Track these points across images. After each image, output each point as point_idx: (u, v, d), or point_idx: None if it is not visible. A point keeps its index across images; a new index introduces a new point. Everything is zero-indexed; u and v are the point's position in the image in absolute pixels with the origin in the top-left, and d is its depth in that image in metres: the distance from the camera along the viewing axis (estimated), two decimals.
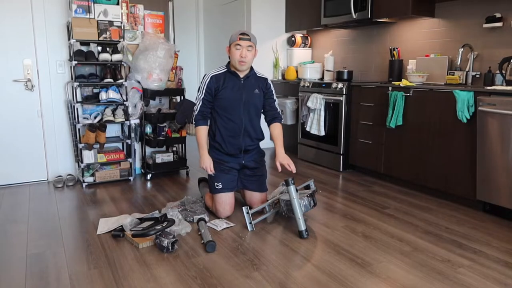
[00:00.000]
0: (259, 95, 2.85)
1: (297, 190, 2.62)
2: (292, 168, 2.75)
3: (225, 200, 2.80)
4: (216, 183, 2.81)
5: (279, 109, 2.97)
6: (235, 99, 2.78)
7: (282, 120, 2.97)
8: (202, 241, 2.41)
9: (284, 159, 2.77)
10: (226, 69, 2.81)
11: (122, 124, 3.90)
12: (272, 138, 2.91)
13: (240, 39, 2.68)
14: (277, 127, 2.90)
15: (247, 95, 2.81)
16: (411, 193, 3.42)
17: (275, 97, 2.95)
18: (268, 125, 2.95)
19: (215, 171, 2.80)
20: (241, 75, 2.80)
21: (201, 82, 2.81)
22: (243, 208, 2.67)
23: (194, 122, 2.82)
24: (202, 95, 2.79)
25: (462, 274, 2.06)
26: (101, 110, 3.75)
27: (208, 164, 2.76)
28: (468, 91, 2.92)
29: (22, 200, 3.26)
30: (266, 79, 2.91)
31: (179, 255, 2.26)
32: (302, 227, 2.50)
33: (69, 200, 3.26)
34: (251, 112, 2.84)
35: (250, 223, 2.64)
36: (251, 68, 2.85)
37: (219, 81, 2.78)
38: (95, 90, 3.75)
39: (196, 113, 2.80)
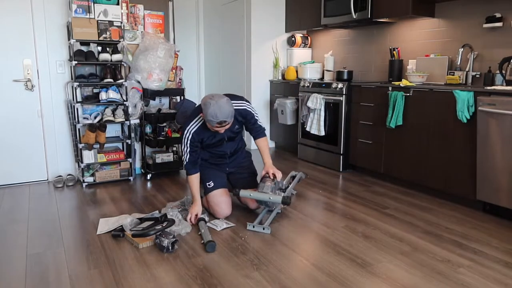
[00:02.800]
0: (239, 127, 2.85)
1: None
2: (278, 176, 2.80)
3: (220, 199, 2.80)
4: (207, 183, 2.84)
5: (261, 125, 2.91)
6: (218, 142, 2.80)
7: (266, 131, 2.97)
8: (202, 241, 2.41)
9: (270, 168, 2.83)
10: (201, 123, 2.70)
11: (122, 124, 3.90)
12: (259, 151, 2.92)
13: (217, 127, 2.54)
14: (262, 141, 2.92)
15: (229, 133, 2.80)
16: (411, 193, 3.42)
17: (256, 117, 2.85)
18: (254, 140, 2.93)
19: (205, 171, 2.86)
20: None
21: (183, 137, 2.72)
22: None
23: (184, 169, 2.78)
24: (187, 148, 2.72)
25: (462, 274, 2.06)
26: (101, 110, 3.75)
27: (194, 213, 2.70)
28: (468, 91, 2.92)
29: (22, 200, 3.26)
30: (244, 109, 2.79)
31: (179, 255, 2.26)
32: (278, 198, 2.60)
33: (69, 200, 3.26)
34: (235, 140, 2.90)
35: (263, 228, 2.61)
36: None
37: (199, 134, 2.70)
38: (95, 90, 3.75)
39: (185, 163, 2.74)
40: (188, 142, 2.70)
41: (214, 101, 2.46)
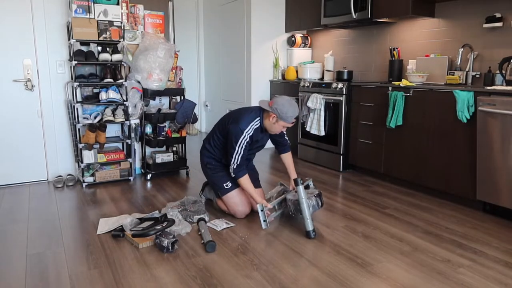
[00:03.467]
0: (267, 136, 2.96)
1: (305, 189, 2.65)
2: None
3: (241, 198, 2.83)
4: (224, 184, 2.84)
5: (287, 138, 3.06)
6: (258, 147, 2.89)
7: (289, 146, 3.09)
8: (202, 241, 2.41)
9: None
10: (259, 125, 2.75)
11: (122, 124, 3.90)
12: (286, 165, 3.06)
13: (292, 123, 2.70)
14: (289, 156, 3.06)
15: (266, 140, 2.92)
16: (411, 193, 3.42)
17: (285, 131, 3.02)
18: (281, 153, 3.06)
19: (218, 174, 2.88)
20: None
21: (237, 138, 2.68)
22: (258, 205, 2.64)
23: (233, 174, 2.72)
24: (241, 152, 2.69)
25: (462, 274, 2.06)
26: (101, 110, 3.75)
27: (267, 209, 2.67)
28: (468, 91, 2.92)
29: (22, 200, 3.26)
30: None
31: (179, 255, 2.26)
32: (310, 227, 2.51)
33: (69, 200, 3.26)
34: (262, 147, 2.98)
35: (265, 220, 2.62)
36: None
37: (253, 137, 2.76)
38: (95, 90, 3.75)
39: (235, 166, 2.70)
40: (244, 144, 2.69)
41: (287, 102, 2.64)
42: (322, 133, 4.21)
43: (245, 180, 2.73)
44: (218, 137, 2.85)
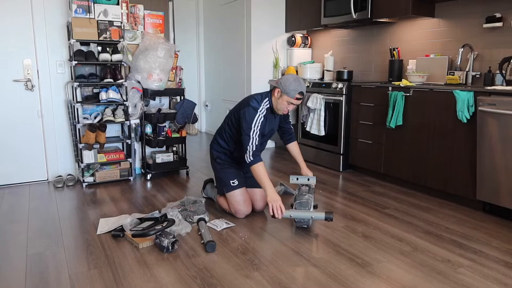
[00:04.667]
0: (278, 120, 2.96)
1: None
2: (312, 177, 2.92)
3: (245, 197, 2.82)
4: (231, 181, 2.82)
5: (292, 126, 3.11)
6: (266, 132, 2.85)
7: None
8: (202, 241, 2.41)
9: (308, 171, 2.99)
10: (269, 105, 2.75)
11: (122, 124, 3.90)
12: (293, 155, 3.07)
13: (297, 99, 2.65)
14: (296, 145, 3.08)
15: (274, 125, 2.90)
16: (411, 193, 3.42)
17: (289, 120, 3.10)
18: (286, 143, 3.09)
19: (226, 170, 2.86)
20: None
21: (251, 117, 2.65)
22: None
23: (248, 160, 2.61)
24: (255, 132, 2.64)
25: (462, 274, 2.06)
26: (101, 110, 3.75)
27: (279, 204, 2.49)
28: (468, 91, 2.92)
29: (22, 200, 3.26)
30: None
31: (179, 255, 2.26)
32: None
33: (69, 200, 3.26)
34: (271, 136, 2.97)
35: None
36: None
37: (266, 118, 2.75)
38: (95, 90, 3.75)
39: (251, 152, 2.60)
40: (259, 125, 2.66)
41: (292, 76, 2.64)
42: (322, 133, 4.21)
43: (258, 167, 2.59)
44: (231, 128, 2.83)
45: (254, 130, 2.64)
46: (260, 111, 2.68)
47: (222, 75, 6.14)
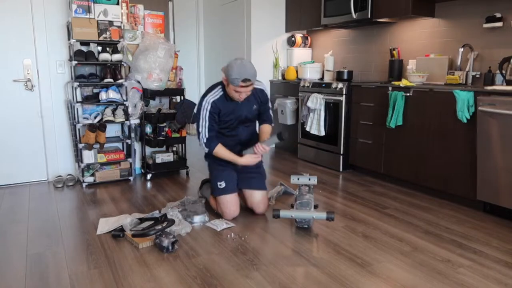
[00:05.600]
0: (256, 108, 2.83)
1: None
2: (265, 150, 2.71)
3: (230, 200, 2.76)
4: (218, 182, 2.78)
5: (271, 115, 2.93)
6: (233, 120, 2.75)
7: (273, 124, 2.94)
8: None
9: (261, 145, 2.71)
10: (222, 93, 2.68)
11: (122, 124, 3.90)
12: (260, 132, 2.88)
13: (241, 86, 2.53)
14: (267, 126, 2.88)
15: (246, 113, 2.77)
16: (411, 193, 3.42)
17: (269, 104, 2.89)
18: (260, 124, 2.92)
19: (216, 167, 2.81)
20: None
21: (200, 109, 2.66)
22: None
23: (206, 149, 2.69)
24: (206, 122, 2.64)
25: (462, 274, 2.06)
26: (101, 110, 3.75)
27: (251, 157, 2.65)
28: (468, 91, 2.92)
29: (22, 200, 3.26)
30: (263, 89, 2.82)
31: (179, 255, 2.26)
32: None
33: (69, 200, 3.26)
34: (248, 125, 2.85)
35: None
36: None
37: (218, 106, 2.66)
38: (95, 90, 3.75)
39: (205, 140, 2.66)
40: (207, 114, 2.62)
41: (239, 61, 2.51)
42: (322, 133, 4.21)
43: (219, 149, 2.67)
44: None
45: (201, 123, 2.64)
46: (206, 101, 2.64)
47: (222, 75, 6.14)
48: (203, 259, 2.22)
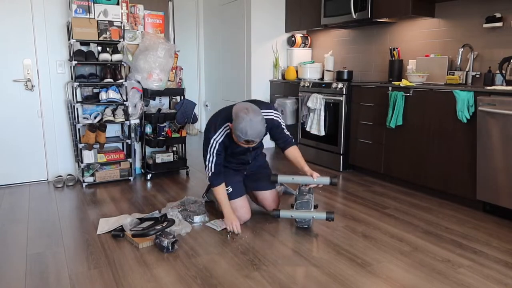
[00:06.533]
0: (265, 135, 2.67)
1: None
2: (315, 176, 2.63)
3: (240, 205, 2.71)
4: (226, 188, 2.70)
5: (289, 134, 2.73)
6: (243, 152, 2.69)
7: (294, 141, 2.76)
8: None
9: (314, 173, 2.62)
10: (229, 132, 2.55)
11: (122, 124, 3.90)
12: (293, 162, 2.71)
13: (244, 144, 2.42)
14: (294, 149, 2.71)
15: (254, 146, 2.61)
16: (411, 193, 3.42)
17: (283, 125, 2.69)
18: (284, 150, 2.72)
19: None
20: None
21: (208, 146, 2.57)
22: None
23: (209, 181, 2.63)
24: (213, 158, 2.56)
25: (462, 274, 2.06)
26: (101, 110, 3.75)
27: (235, 223, 2.55)
28: (468, 91, 2.92)
29: (22, 200, 3.26)
30: (271, 119, 2.63)
31: (179, 255, 2.26)
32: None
33: (69, 200, 3.26)
34: (258, 148, 2.82)
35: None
36: None
37: (225, 143, 2.58)
38: (95, 90, 3.75)
39: (210, 174, 2.59)
40: (215, 152, 2.55)
41: (248, 118, 2.29)
42: (322, 133, 4.21)
43: (218, 190, 2.60)
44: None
45: (209, 158, 2.56)
46: (214, 139, 2.54)
47: (222, 75, 6.14)
48: (203, 259, 2.22)
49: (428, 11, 3.72)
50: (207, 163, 2.60)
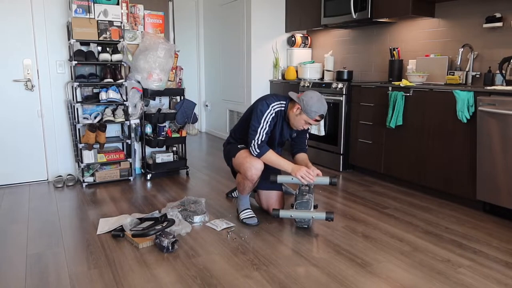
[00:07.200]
0: (294, 135, 2.84)
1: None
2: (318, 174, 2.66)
3: (254, 164, 2.63)
4: (238, 145, 2.76)
5: (307, 144, 2.91)
6: (276, 138, 2.74)
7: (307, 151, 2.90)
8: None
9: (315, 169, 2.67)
10: (284, 108, 2.66)
11: (122, 124, 3.90)
12: (300, 163, 2.76)
13: (316, 120, 2.57)
14: (304, 155, 2.84)
15: (287, 136, 2.80)
16: (411, 193, 3.42)
17: (307, 134, 2.89)
18: (295, 154, 2.86)
19: (236, 145, 2.78)
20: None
21: (262, 111, 2.59)
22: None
23: (255, 153, 2.58)
24: (264, 127, 2.58)
25: (462, 274, 2.06)
26: (101, 110, 3.75)
27: (304, 170, 2.53)
28: (468, 91, 2.92)
29: (22, 200, 3.26)
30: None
31: (179, 255, 2.26)
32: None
33: (69, 200, 3.26)
34: (279, 146, 2.87)
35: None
36: None
37: (277, 118, 2.65)
38: (95, 90, 3.75)
39: (257, 144, 2.57)
40: (270, 119, 2.58)
41: (317, 96, 2.55)
42: (322, 133, 4.21)
43: (270, 154, 2.58)
44: (244, 126, 2.74)
45: (262, 125, 2.58)
46: (272, 107, 2.60)
47: (222, 75, 6.14)
48: (203, 259, 2.22)
49: (428, 11, 3.72)
50: (259, 131, 2.57)
